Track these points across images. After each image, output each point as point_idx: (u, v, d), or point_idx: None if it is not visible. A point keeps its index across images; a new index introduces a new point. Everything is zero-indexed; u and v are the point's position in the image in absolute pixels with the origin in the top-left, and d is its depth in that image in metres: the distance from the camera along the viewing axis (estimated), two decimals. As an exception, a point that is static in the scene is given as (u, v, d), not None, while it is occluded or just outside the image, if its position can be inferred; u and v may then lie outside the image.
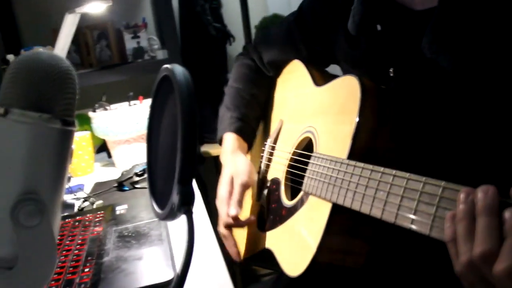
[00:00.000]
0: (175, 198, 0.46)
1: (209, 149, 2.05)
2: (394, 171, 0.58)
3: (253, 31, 2.40)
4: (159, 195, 0.56)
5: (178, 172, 0.46)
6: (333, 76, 0.85)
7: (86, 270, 0.69)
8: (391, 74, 0.76)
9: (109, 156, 1.56)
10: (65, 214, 1.01)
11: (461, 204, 0.47)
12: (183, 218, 0.46)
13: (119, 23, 2.11)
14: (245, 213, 1.05)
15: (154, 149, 0.61)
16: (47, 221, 0.44)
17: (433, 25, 0.68)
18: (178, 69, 0.50)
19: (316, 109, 0.84)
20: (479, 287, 0.47)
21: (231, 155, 1.00)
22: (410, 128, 0.71)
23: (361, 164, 0.63)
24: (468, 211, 0.47)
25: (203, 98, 2.11)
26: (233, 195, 0.92)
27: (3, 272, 0.43)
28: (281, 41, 1.03)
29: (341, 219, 0.68)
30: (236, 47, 2.45)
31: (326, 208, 0.69)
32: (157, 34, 2.26)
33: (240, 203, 0.91)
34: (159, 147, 0.59)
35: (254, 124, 1.08)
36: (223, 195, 0.93)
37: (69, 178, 1.47)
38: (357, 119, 0.67)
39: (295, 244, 0.76)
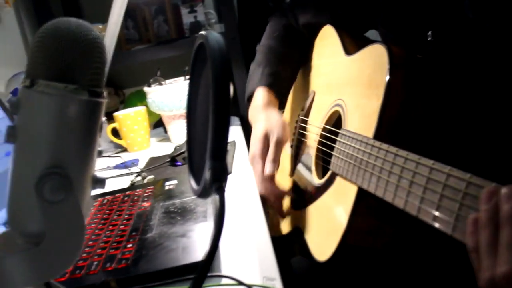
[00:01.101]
0: (206, 174, 0.43)
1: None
2: (418, 157, 0.51)
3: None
4: (196, 170, 0.53)
5: (209, 146, 0.42)
6: (367, 43, 0.78)
7: (129, 246, 0.68)
8: (429, 38, 0.68)
9: (165, 131, 1.56)
10: (117, 188, 1.02)
11: (483, 206, 0.40)
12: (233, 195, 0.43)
13: (176, -3, 2.10)
14: (282, 187, 1.01)
15: (192, 122, 0.58)
16: (74, 196, 0.42)
17: None
18: (213, 35, 0.46)
19: (345, 81, 0.78)
20: None
21: (264, 110, 0.94)
22: (444, 103, 0.63)
23: (385, 146, 0.57)
24: (492, 217, 0.39)
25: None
26: (269, 153, 0.87)
27: (31, 248, 0.42)
28: (318, 2, 0.96)
29: (367, 203, 0.62)
30: (295, 20, 2.38)
31: (352, 191, 0.64)
32: (215, 8, 2.22)
33: (276, 162, 0.86)
34: (197, 120, 0.56)
35: (286, 83, 1.02)
36: (257, 152, 0.87)
37: (99, 152, 1.48)
38: (384, 94, 0.61)
39: (322, 226, 0.72)
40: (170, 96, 1.38)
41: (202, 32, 0.49)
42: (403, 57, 0.64)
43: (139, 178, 1.11)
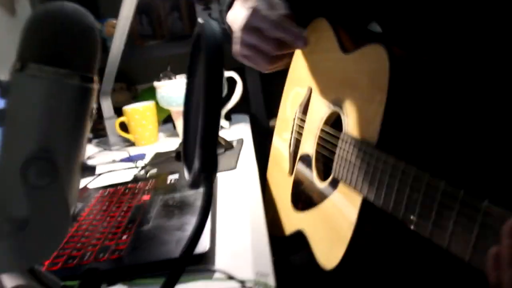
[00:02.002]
0: (196, 164, 0.42)
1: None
2: (427, 177, 0.48)
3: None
4: (189, 161, 0.52)
5: (199, 135, 0.41)
6: (364, 39, 0.75)
7: (124, 237, 0.67)
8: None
9: (175, 127, 1.56)
10: (121, 181, 1.02)
11: (506, 240, 0.37)
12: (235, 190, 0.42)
13: (191, -5, 2.10)
14: (278, 186, 0.99)
15: (188, 114, 0.57)
16: (59, 182, 0.41)
17: None
18: (209, 24, 0.46)
19: (343, 81, 0.75)
20: None
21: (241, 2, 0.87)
22: (448, 104, 0.60)
23: (392, 161, 0.54)
24: None
25: (272, 73, 2.06)
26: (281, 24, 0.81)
27: (15, 233, 0.42)
28: None
29: (373, 214, 0.60)
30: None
31: (357, 200, 0.61)
32: (229, 6, 2.22)
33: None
34: (192, 111, 0.55)
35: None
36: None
37: (89, 139, 1.48)
38: (386, 98, 0.58)
39: (328, 234, 0.69)
40: (179, 91, 1.37)
41: (200, 20, 0.48)
42: (404, 59, 0.61)
43: (142, 172, 1.10)
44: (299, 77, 0.98)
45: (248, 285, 0.53)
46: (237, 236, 0.68)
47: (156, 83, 1.43)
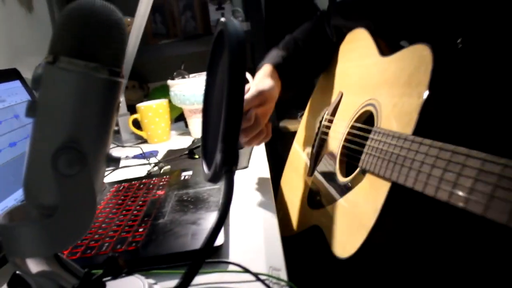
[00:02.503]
0: (218, 157, 0.44)
1: (288, 124, 2.01)
2: (467, 150, 0.50)
3: (340, 5, 2.31)
4: (208, 156, 0.54)
5: (221, 129, 0.43)
6: (402, 47, 0.78)
7: (140, 230, 0.69)
8: (460, 46, 0.67)
9: (186, 125, 1.58)
10: (134, 176, 1.03)
11: None
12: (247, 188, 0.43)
13: (204, -5, 2.12)
14: (294, 189, 1.01)
15: (208, 109, 0.58)
16: (88, 171, 0.43)
17: None
18: (231, 22, 0.47)
19: (380, 81, 0.77)
20: None
21: (259, 78, 0.96)
22: (481, 103, 0.63)
23: (428, 141, 0.56)
24: None
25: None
26: (246, 95, 0.87)
27: (44, 219, 0.43)
28: (350, 8, 0.98)
29: (400, 199, 0.62)
30: (322, 22, 2.37)
31: (385, 186, 0.63)
32: (242, 7, 2.24)
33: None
34: (213, 107, 0.57)
35: (297, 72, 1.04)
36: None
37: (115, 131, 1.50)
38: (426, 92, 0.60)
39: (347, 223, 0.71)
40: (193, 89, 1.39)
41: (222, 19, 0.49)
42: (448, 57, 0.64)
43: (156, 168, 1.12)
44: (328, 86, 1.02)
45: (262, 278, 0.54)
46: (250, 233, 0.70)
47: (169, 82, 1.45)
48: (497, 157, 0.47)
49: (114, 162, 0.48)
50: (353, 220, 0.69)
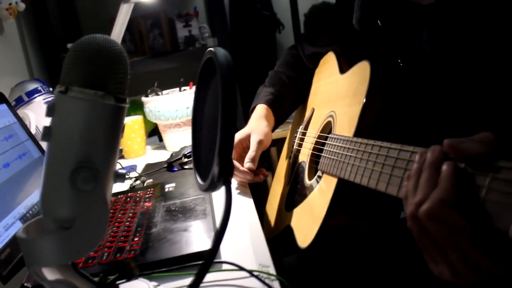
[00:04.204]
0: (215, 169, 0.50)
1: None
2: (389, 144, 0.60)
3: (301, 18, 2.41)
4: (202, 168, 0.60)
5: (218, 145, 0.50)
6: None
7: (136, 239, 0.74)
8: (401, 64, 0.79)
9: (160, 140, 1.63)
10: (118, 191, 1.08)
11: (415, 164, 0.50)
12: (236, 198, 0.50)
13: (171, 12, 2.19)
14: (276, 198, 1.10)
15: (199, 127, 0.65)
16: (101, 186, 0.49)
17: (431, 21, 0.70)
18: (220, 51, 0.54)
19: (338, 95, 0.90)
20: (424, 239, 0.47)
21: (255, 119, 1.09)
22: (415, 112, 0.74)
23: (360, 140, 0.68)
24: (418, 168, 0.49)
25: (252, 86, 2.15)
26: (249, 151, 1.01)
27: (62, 231, 0.49)
28: (318, 37, 1.10)
29: (345, 192, 0.73)
30: (285, 35, 2.47)
31: (333, 182, 0.75)
32: (208, 23, 2.31)
33: (255, 161, 1.00)
34: (204, 125, 0.64)
35: (287, 104, 1.16)
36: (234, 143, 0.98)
37: (120, 150, 1.55)
38: (364, 100, 0.73)
39: (307, 218, 0.82)
40: (167, 106, 1.45)
41: (211, 49, 0.56)
42: (384, 71, 0.75)
43: (137, 182, 1.17)
44: (305, 104, 1.15)
45: (255, 274, 0.61)
46: (237, 236, 0.76)
47: (144, 98, 1.50)
48: (406, 146, 0.57)
49: (120, 177, 0.54)
50: (311, 215, 0.80)
